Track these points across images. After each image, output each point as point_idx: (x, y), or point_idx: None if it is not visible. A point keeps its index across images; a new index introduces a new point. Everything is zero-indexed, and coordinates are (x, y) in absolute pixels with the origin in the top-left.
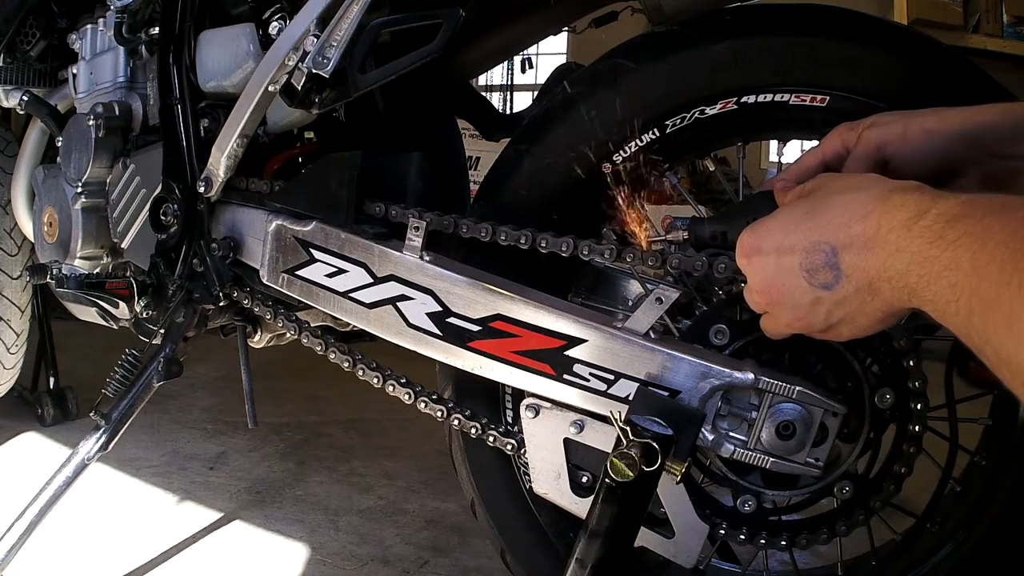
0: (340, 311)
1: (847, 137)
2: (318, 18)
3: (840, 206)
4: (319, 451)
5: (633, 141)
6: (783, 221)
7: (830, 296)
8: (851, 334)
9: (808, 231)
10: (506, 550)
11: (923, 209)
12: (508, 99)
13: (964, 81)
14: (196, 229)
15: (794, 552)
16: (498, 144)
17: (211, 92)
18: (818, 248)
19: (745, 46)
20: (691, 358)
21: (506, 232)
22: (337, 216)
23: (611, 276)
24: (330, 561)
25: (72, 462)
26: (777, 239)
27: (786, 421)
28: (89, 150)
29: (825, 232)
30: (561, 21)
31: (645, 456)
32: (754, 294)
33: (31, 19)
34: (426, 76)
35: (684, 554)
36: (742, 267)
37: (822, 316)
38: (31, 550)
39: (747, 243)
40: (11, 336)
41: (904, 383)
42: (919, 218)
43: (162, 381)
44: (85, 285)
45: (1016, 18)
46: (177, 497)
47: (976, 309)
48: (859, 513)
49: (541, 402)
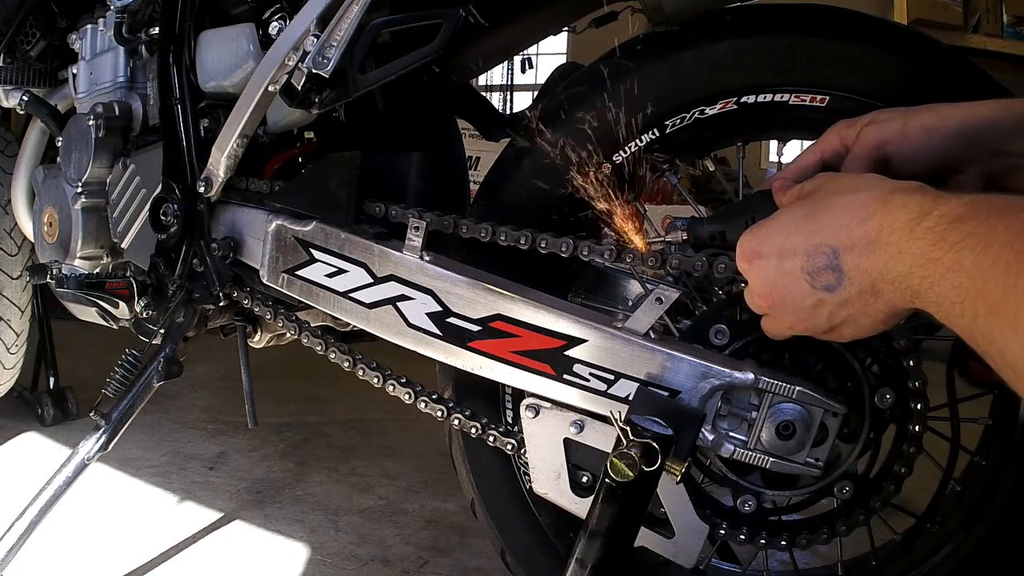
0: (340, 311)
1: (845, 135)
2: (318, 18)
3: (841, 208)
4: (319, 451)
5: (633, 141)
6: (783, 224)
7: (832, 298)
8: (854, 335)
9: (809, 234)
10: (506, 550)
11: (925, 210)
12: (508, 99)
13: (964, 81)
14: (196, 229)
15: (794, 552)
16: (498, 144)
17: (211, 92)
18: (819, 251)
19: (745, 46)
20: (691, 358)
21: (506, 232)
22: (337, 216)
23: (611, 276)
24: (330, 561)
25: (72, 462)
26: (777, 242)
27: (786, 421)
28: (89, 150)
29: (826, 234)
30: (561, 21)
31: (645, 456)
32: (755, 297)
33: (31, 19)
34: (426, 76)
35: (684, 554)
36: (743, 271)
37: (824, 318)
38: (31, 550)
39: (747, 247)
40: (11, 336)
41: (904, 383)
42: (921, 220)
43: (162, 381)
44: (85, 285)
45: (1016, 18)
46: (177, 497)
47: (981, 311)
48: (859, 513)
49: (541, 402)
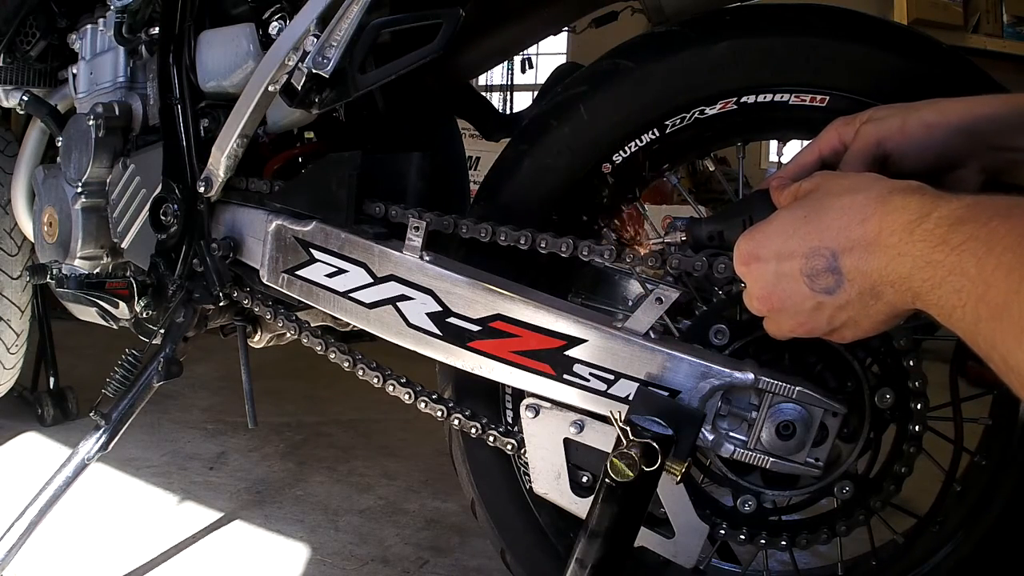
0: (340, 311)
1: (844, 132)
2: (318, 18)
3: (839, 209)
4: (319, 451)
5: (633, 141)
6: (781, 226)
7: (832, 301)
8: (854, 336)
9: (807, 236)
10: (506, 550)
11: (925, 212)
12: (508, 99)
13: (964, 81)
14: (196, 229)
15: (794, 552)
16: (498, 144)
17: (211, 92)
18: (818, 253)
19: (745, 46)
20: (691, 358)
21: (506, 232)
22: (337, 216)
23: (611, 276)
24: (330, 561)
25: (72, 462)
26: (776, 245)
27: (786, 421)
28: (89, 150)
29: (824, 236)
30: (561, 21)
31: (645, 456)
32: (754, 300)
33: (31, 19)
34: (426, 76)
35: (684, 554)
36: (741, 275)
37: (825, 320)
38: (31, 550)
39: (745, 250)
40: (11, 336)
41: (904, 383)
42: (921, 221)
43: (162, 381)
44: (85, 285)
45: (1016, 18)
46: (177, 497)
47: (983, 316)
48: (859, 513)
49: (541, 402)
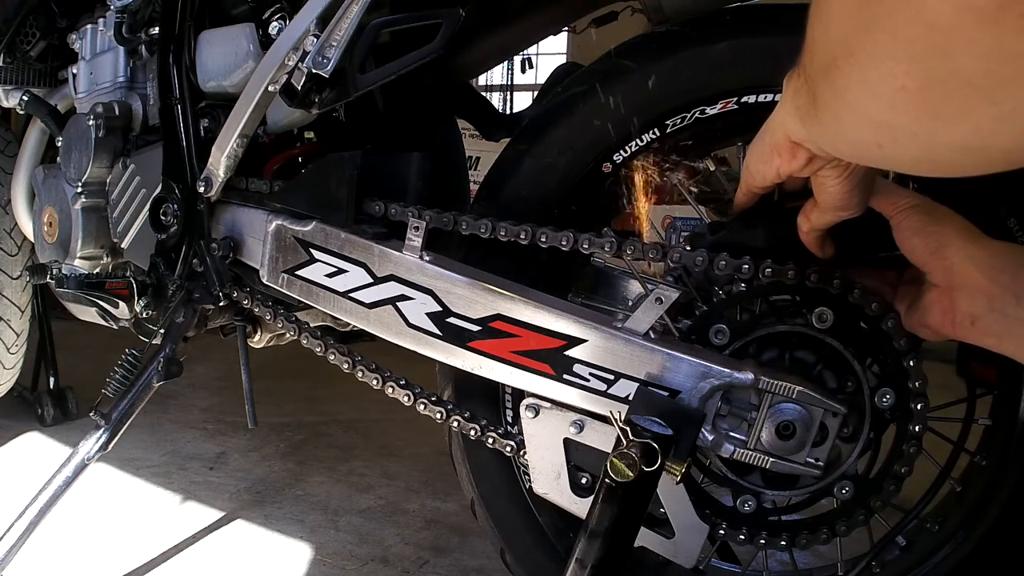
0: (340, 311)
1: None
2: (318, 18)
3: None
4: (319, 451)
5: (633, 141)
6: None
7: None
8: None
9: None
10: (506, 550)
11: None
12: (508, 99)
13: None
14: (196, 229)
15: (794, 552)
16: (498, 144)
17: (211, 92)
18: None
19: (745, 46)
20: (691, 358)
21: (506, 227)
22: (337, 216)
23: (611, 276)
24: (330, 561)
25: (72, 462)
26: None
27: (786, 421)
28: (89, 150)
29: None
30: (561, 21)
31: (645, 456)
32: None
33: (31, 19)
34: (426, 76)
35: (684, 554)
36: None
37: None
38: (31, 550)
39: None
40: (11, 336)
41: (904, 383)
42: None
43: (162, 381)
44: (85, 285)
45: None
46: (177, 497)
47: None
48: (859, 513)
49: (541, 402)
